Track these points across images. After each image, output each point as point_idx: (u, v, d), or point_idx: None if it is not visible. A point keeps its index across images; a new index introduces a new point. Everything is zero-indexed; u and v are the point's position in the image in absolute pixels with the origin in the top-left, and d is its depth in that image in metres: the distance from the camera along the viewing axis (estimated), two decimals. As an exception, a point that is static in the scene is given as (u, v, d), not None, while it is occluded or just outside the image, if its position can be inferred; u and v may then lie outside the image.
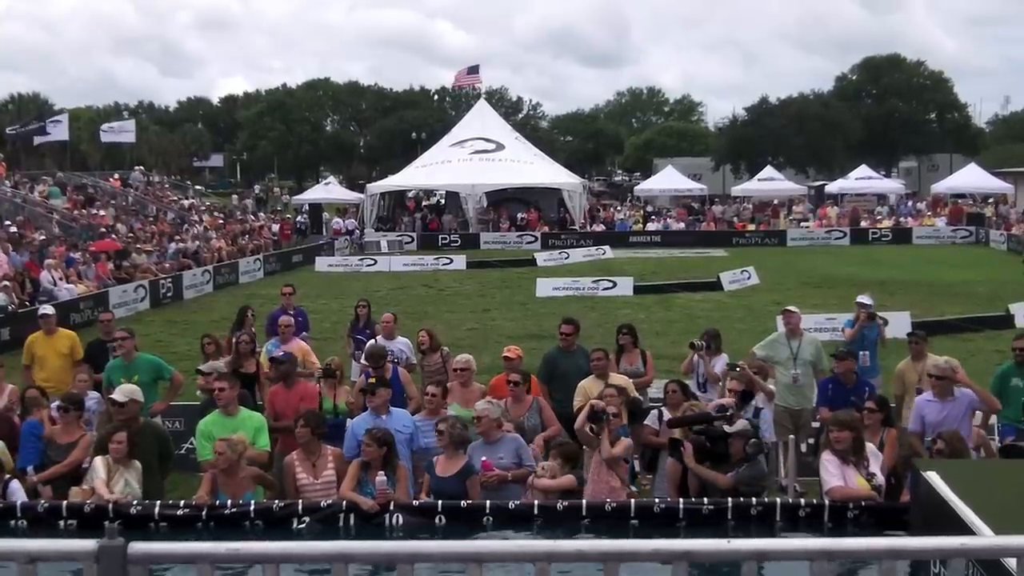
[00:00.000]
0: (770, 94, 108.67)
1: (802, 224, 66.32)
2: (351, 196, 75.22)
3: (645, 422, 12.66)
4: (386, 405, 12.06)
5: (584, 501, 10.12)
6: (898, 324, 22.78)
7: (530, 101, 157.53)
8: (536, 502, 9.86)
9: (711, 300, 35.36)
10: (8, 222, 39.29)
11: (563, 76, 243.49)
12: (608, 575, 4.04)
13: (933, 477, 7.58)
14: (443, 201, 73.16)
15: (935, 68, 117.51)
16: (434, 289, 40.71)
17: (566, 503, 9.95)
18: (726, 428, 10.87)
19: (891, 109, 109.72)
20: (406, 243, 60.80)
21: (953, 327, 27.03)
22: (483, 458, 10.97)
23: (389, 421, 11.65)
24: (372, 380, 12.60)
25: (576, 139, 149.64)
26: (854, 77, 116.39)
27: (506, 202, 68.61)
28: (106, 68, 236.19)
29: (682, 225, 66.37)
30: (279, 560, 4.09)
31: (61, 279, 32.69)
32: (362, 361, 15.19)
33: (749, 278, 38.86)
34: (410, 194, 73.43)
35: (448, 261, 49.92)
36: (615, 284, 37.86)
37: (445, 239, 61.92)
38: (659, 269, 46.66)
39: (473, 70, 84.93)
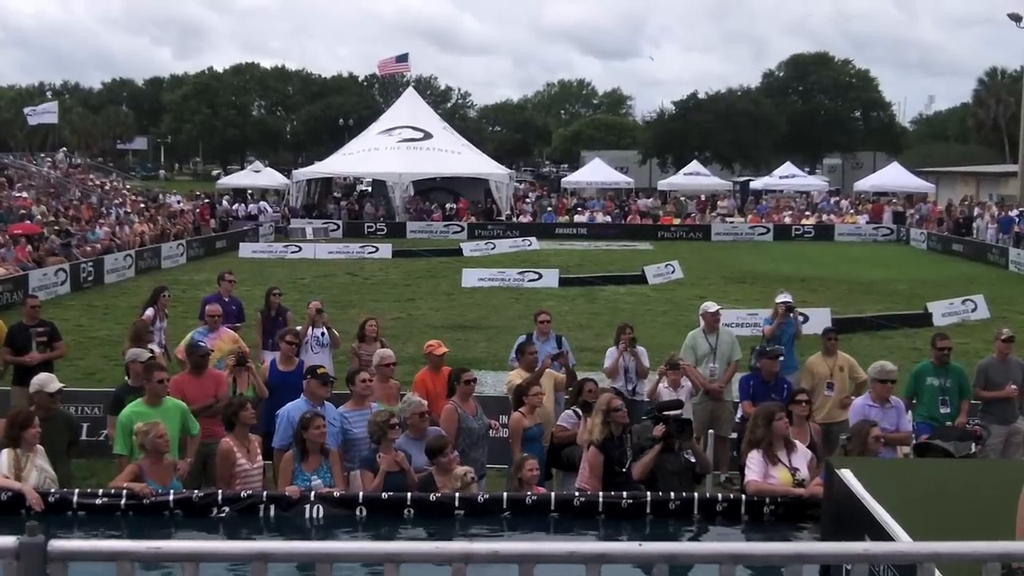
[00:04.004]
0: (699, 89, 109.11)
1: (727, 220, 66.75)
2: (277, 182, 74.71)
3: (559, 422, 12.70)
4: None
5: (481, 496, 10.18)
6: (818, 321, 23.10)
7: (459, 90, 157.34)
8: (458, 495, 9.90)
9: (635, 293, 35.58)
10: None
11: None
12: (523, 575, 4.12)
13: (847, 475, 7.71)
14: (369, 189, 72.89)
15: (861, 66, 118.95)
16: (359, 277, 40.57)
17: (487, 495, 10.04)
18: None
19: (817, 106, 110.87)
20: (331, 230, 60.47)
21: (872, 324, 27.41)
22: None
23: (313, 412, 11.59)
24: (324, 371, 12.51)
25: (504, 130, 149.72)
26: (781, 74, 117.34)
27: (433, 191, 68.56)
28: (34, 47, 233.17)
29: (608, 218, 66.45)
30: (200, 559, 4.12)
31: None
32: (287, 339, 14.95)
33: (673, 272, 39.13)
34: (340, 181, 73.16)
35: (374, 250, 49.75)
36: (540, 276, 37.98)
37: (371, 227, 61.62)
38: (584, 261, 46.82)
39: (401, 58, 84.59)
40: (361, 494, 9.97)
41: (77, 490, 9.97)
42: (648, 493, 9.98)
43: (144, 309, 18.50)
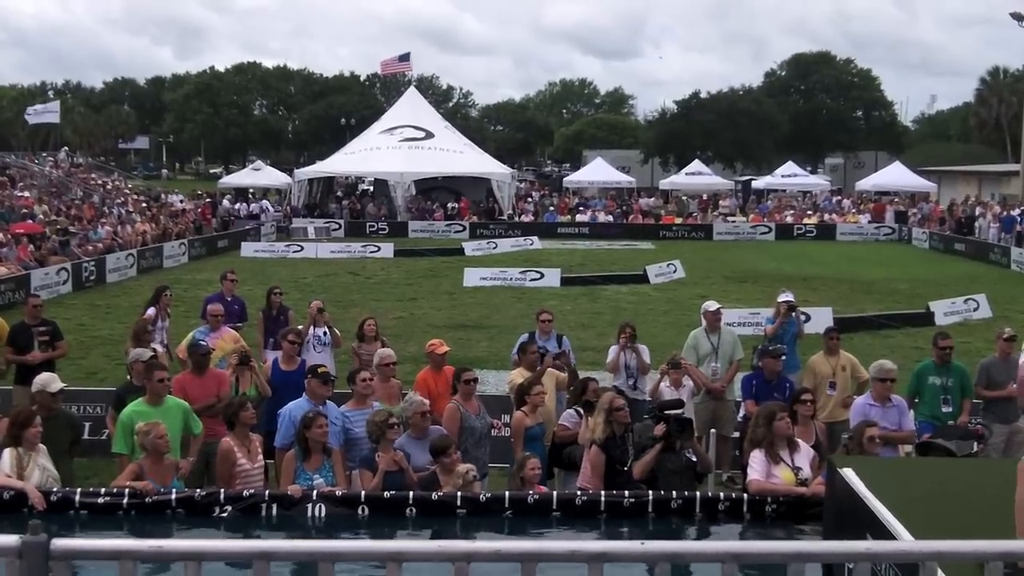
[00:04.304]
0: (699, 89, 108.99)
1: (728, 219, 66.68)
2: (278, 181, 74.60)
3: (560, 421, 12.70)
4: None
5: (485, 495, 10.18)
6: (820, 320, 23.11)
7: (460, 90, 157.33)
8: (459, 494, 9.90)
9: (637, 293, 35.56)
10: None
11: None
12: (526, 574, 4.12)
13: (849, 473, 7.71)
14: (371, 189, 72.86)
15: (863, 66, 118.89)
16: (361, 277, 40.56)
17: (489, 495, 10.04)
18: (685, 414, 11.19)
19: (818, 106, 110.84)
20: (333, 230, 60.41)
21: (874, 324, 27.38)
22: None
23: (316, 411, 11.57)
24: (325, 370, 12.51)
25: (506, 129, 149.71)
26: (783, 73, 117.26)
27: (435, 191, 68.52)
28: (35, 47, 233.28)
29: (610, 217, 66.36)
30: (202, 558, 4.12)
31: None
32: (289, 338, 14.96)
33: (675, 271, 39.11)
34: (341, 181, 73.10)
35: (375, 249, 49.73)
36: (542, 275, 37.96)
37: (373, 227, 61.53)
38: (586, 261, 46.80)
39: (403, 58, 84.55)
40: (363, 493, 9.97)
41: (79, 489, 9.97)
42: (650, 492, 9.97)
43: (146, 308, 18.51)
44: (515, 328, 23.36)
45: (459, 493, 9.91)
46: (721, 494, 10.42)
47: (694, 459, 10.88)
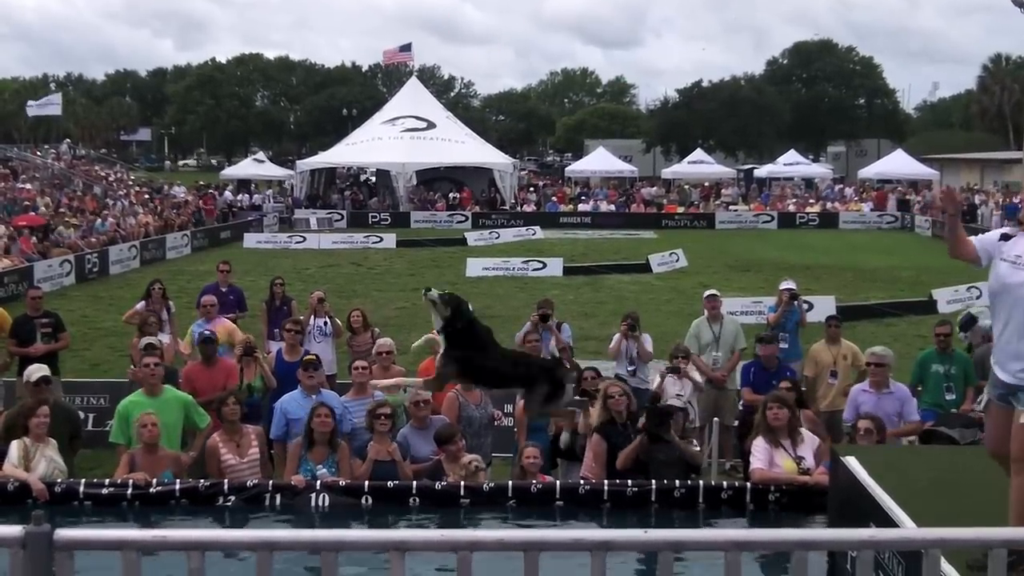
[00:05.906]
0: (703, 77, 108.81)
1: (731, 208, 66.56)
2: (279, 174, 74.56)
3: None
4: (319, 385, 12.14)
5: (486, 484, 10.18)
6: (823, 308, 23.09)
7: (462, 80, 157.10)
8: (463, 483, 9.91)
9: (640, 282, 35.54)
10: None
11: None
12: (529, 563, 4.13)
13: (852, 462, 7.70)
14: (373, 179, 72.82)
15: (865, 54, 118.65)
16: (363, 267, 40.54)
17: (492, 485, 10.05)
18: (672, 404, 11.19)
19: (820, 94, 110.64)
20: (335, 220, 60.38)
21: (877, 312, 27.37)
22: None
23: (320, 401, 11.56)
24: (311, 358, 12.53)
25: (508, 119, 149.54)
26: (784, 61, 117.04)
27: (437, 181, 68.43)
28: (37, 40, 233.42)
29: (612, 207, 66.24)
30: (205, 548, 4.12)
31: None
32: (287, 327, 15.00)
33: (677, 260, 39.10)
34: (343, 172, 73.11)
35: (378, 239, 49.72)
36: (545, 265, 37.94)
37: (375, 217, 61.47)
38: (588, 250, 46.76)
39: (405, 48, 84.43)
40: (367, 483, 9.97)
41: (83, 480, 9.99)
42: (653, 481, 9.97)
43: (137, 303, 18.48)
44: (518, 318, 23.34)
45: (463, 483, 9.92)
46: (724, 483, 10.42)
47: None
